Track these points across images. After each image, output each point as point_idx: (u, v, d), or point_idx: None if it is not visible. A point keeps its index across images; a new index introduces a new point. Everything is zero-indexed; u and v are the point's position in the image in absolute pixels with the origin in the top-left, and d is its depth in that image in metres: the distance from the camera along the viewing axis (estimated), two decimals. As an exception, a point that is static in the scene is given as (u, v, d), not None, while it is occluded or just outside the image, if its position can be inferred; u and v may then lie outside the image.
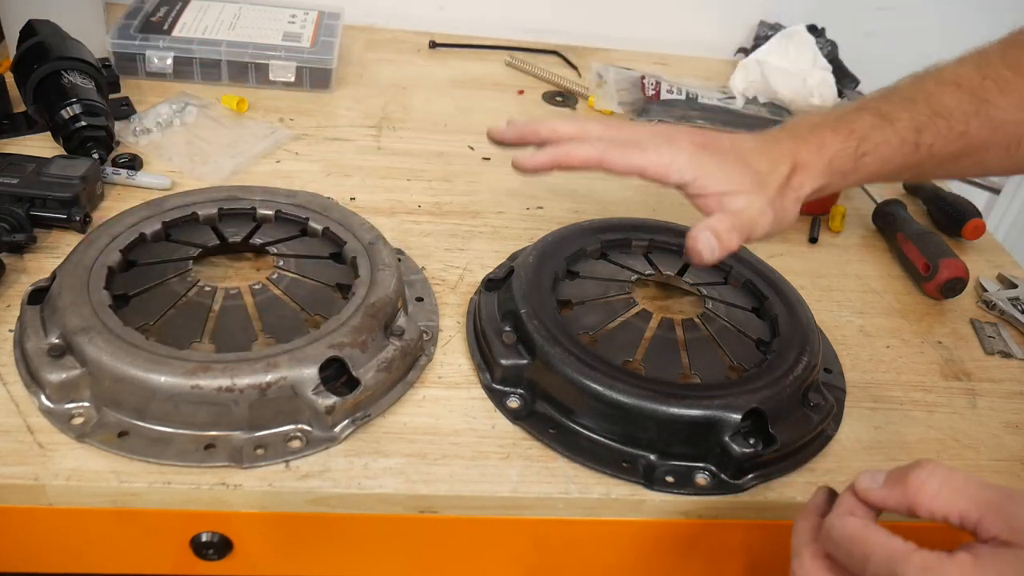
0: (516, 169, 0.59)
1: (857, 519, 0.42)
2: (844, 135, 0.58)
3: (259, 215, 0.68)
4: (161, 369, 0.51)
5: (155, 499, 0.50)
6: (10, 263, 0.64)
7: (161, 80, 0.92)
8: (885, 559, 0.39)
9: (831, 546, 0.42)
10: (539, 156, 0.58)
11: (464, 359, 0.62)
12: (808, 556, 0.43)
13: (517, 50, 1.12)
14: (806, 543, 0.44)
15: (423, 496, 0.52)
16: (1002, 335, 0.73)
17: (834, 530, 0.42)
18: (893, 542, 0.40)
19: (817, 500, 0.45)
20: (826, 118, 0.60)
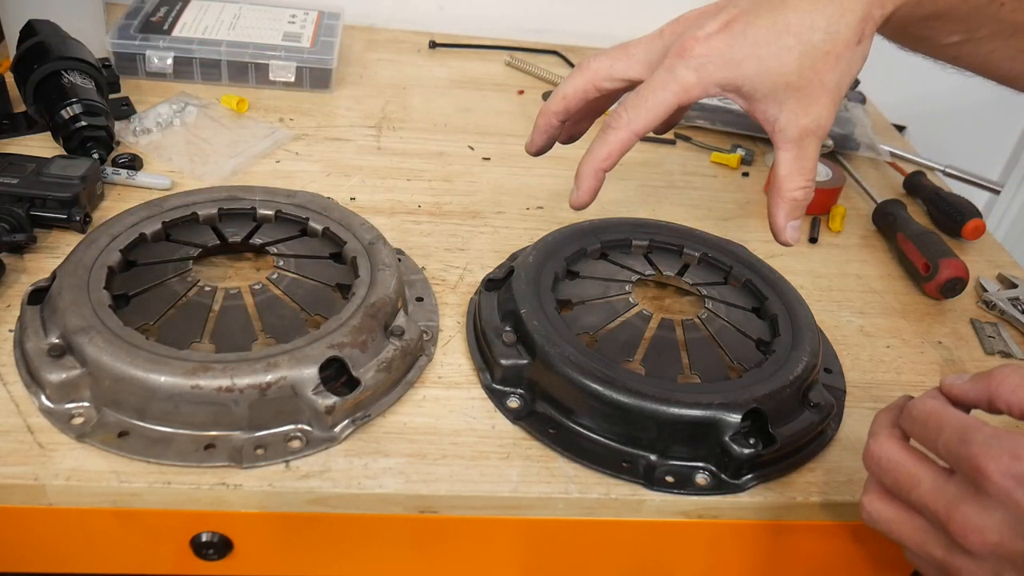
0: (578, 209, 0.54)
1: (937, 400, 0.43)
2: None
3: (259, 215, 0.68)
4: (161, 369, 0.51)
5: (155, 499, 0.50)
6: (10, 263, 0.64)
7: (161, 80, 0.92)
8: (957, 429, 0.40)
9: (908, 423, 0.43)
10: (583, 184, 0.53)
11: (464, 359, 0.62)
12: (884, 435, 0.44)
13: (517, 50, 1.12)
14: (883, 425, 0.45)
15: (423, 496, 0.52)
16: (1002, 335, 0.73)
17: (913, 408, 0.43)
18: (968, 417, 0.41)
19: (899, 400, 0.46)
20: None
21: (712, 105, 0.99)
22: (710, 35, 0.48)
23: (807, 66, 0.47)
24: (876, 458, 0.44)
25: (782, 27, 0.47)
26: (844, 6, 0.47)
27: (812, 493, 0.56)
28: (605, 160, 0.51)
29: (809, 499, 0.55)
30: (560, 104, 0.54)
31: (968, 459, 0.39)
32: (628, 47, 0.52)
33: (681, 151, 0.95)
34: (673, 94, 0.48)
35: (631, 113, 0.50)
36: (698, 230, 0.73)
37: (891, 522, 0.43)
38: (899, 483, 0.42)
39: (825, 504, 0.56)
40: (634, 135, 0.50)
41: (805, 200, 0.52)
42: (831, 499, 0.56)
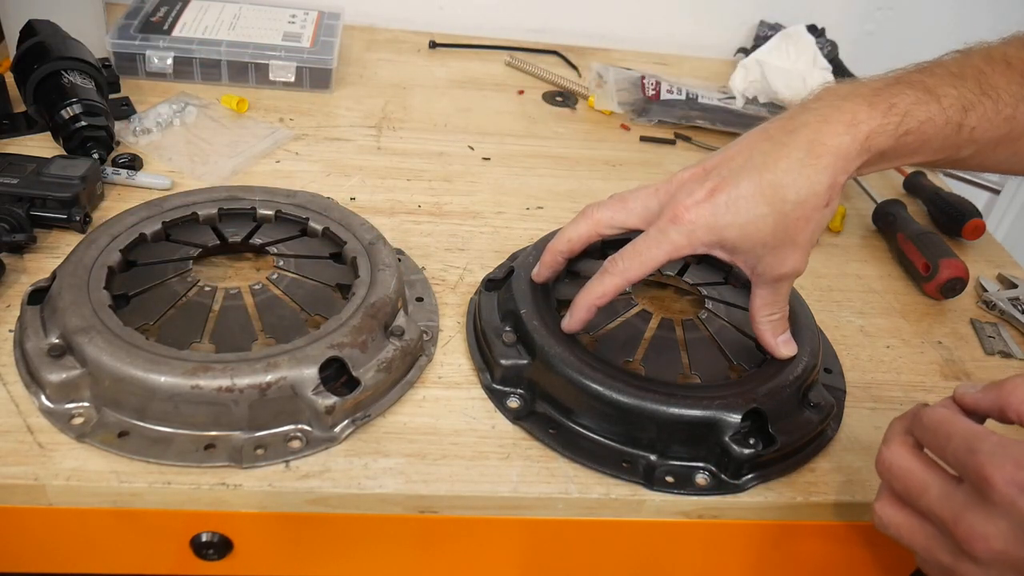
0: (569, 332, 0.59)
1: (948, 408, 0.45)
2: (883, 110, 0.52)
3: (259, 215, 0.68)
4: (161, 369, 0.51)
5: (155, 499, 0.50)
6: (10, 263, 0.64)
7: (161, 80, 0.92)
8: (965, 438, 0.41)
9: (919, 430, 0.45)
10: (577, 314, 0.58)
11: (464, 359, 0.62)
12: (897, 442, 0.46)
13: (517, 50, 1.12)
14: (896, 432, 0.46)
15: (423, 496, 0.52)
16: (1002, 335, 0.73)
17: (925, 416, 0.44)
18: (976, 426, 0.42)
19: (914, 408, 0.47)
20: (860, 89, 0.54)
21: (712, 105, 1.00)
22: (698, 203, 0.53)
23: (780, 230, 0.53)
24: (888, 464, 0.45)
25: (758, 197, 0.53)
26: (811, 178, 0.52)
27: (812, 493, 0.56)
28: (600, 299, 0.57)
29: (809, 499, 0.55)
30: (566, 246, 0.60)
31: (974, 468, 0.40)
32: (627, 200, 0.58)
33: (681, 151, 0.95)
34: (665, 252, 0.54)
35: (627, 263, 0.56)
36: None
37: (901, 527, 0.45)
38: (909, 490, 0.43)
39: (825, 504, 0.56)
40: (627, 282, 0.56)
41: (782, 320, 0.59)
42: (831, 499, 0.56)
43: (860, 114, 0.52)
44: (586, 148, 0.93)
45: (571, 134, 0.95)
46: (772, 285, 0.57)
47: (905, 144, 0.53)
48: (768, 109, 1.00)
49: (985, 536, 0.39)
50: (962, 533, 0.40)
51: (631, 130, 0.98)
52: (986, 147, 0.56)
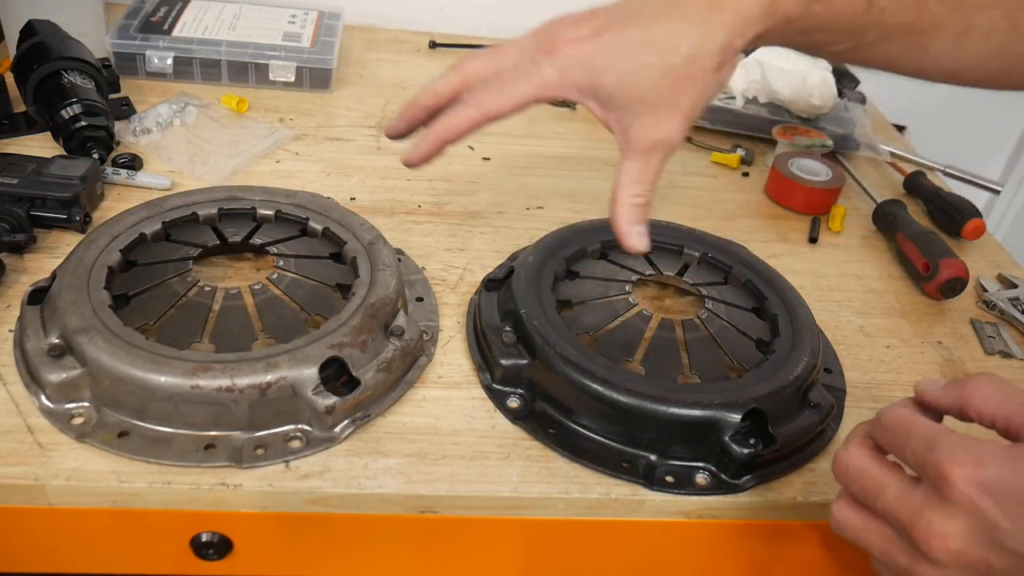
0: (408, 166, 0.55)
1: (907, 408, 0.44)
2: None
3: (259, 215, 0.68)
4: (161, 369, 0.51)
5: (155, 499, 0.50)
6: (10, 263, 0.64)
7: (161, 80, 0.92)
8: (925, 436, 0.40)
9: (878, 431, 0.44)
10: (422, 145, 0.54)
11: (464, 359, 0.62)
12: (855, 444, 0.44)
13: (517, 50, 1.11)
14: (856, 435, 0.45)
15: (423, 496, 0.52)
16: (1002, 335, 0.73)
17: (884, 416, 0.43)
18: (935, 425, 0.41)
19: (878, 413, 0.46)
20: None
21: (712, 105, 0.99)
22: (580, 39, 0.49)
23: (664, 86, 0.49)
24: (844, 466, 0.44)
25: (647, 44, 0.48)
26: (708, 33, 0.48)
27: (812, 493, 0.56)
28: (450, 132, 0.52)
29: (809, 499, 0.55)
30: (431, 99, 0.55)
31: (934, 466, 0.39)
32: (501, 48, 0.53)
33: (681, 151, 0.95)
34: (532, 88, 0.50)
35: (487, 95, 0.51)
36: (698, 230, 0.74)
37: (858, 529, 0.43)
38: (866, 490, 0.42)
39: (825, 504, 0.55)
40: (484, 116, 0.52)
41: (645, 206, 0.54)
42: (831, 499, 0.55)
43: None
44: (586, 148, 0.93)
45: (571, 134, 0.95)
46: (644, 156, 0.52)
47: (813, 14, 0.51)
48: (768, 109, 1.00)
49: (943, 535, 0.38)
50: (920, 533, 0.39)
51: (631, 130, 0.97)
52: (894, 33, 0.54)
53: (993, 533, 0.37)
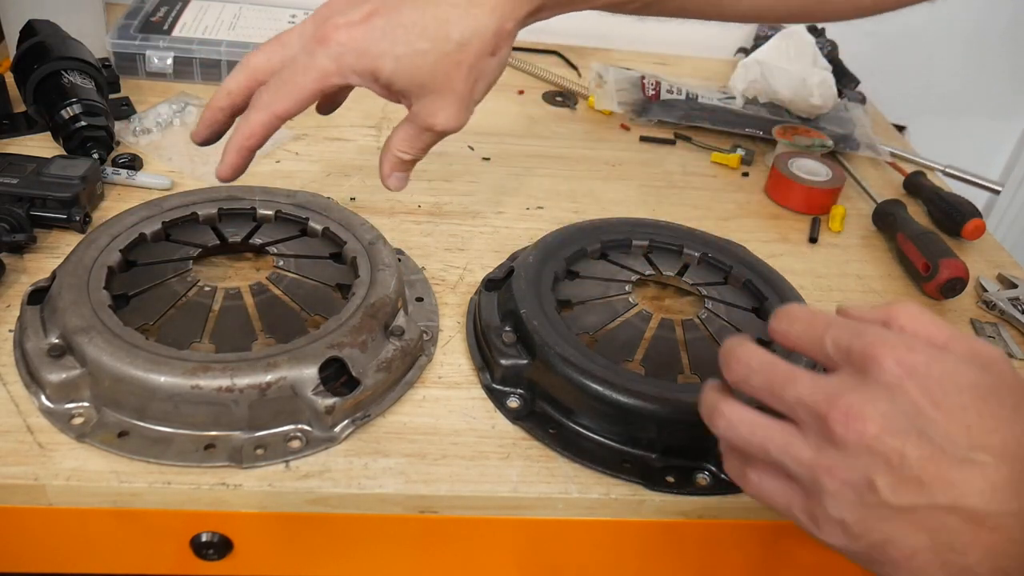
0: (222, 181, 0.56)
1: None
2: None
3: (259, 215, 0.68)
4: (161, 369, 0.51)
5: (155, 499, 0.50)
6: (10, 263, 0.64)
7: (161, 80, 0.92)
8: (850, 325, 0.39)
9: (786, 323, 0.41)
10: (227, 157, 0.54)
11: (464, 359, 0.62)
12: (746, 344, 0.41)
13: (517, 50, 1.12)
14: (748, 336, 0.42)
15: (423, 496, 0.52)
16: (1002, 335, 0.73)
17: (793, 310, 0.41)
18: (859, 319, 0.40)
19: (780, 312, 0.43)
20: None
21: (712, 105, 1.00)
22: (351, 24, 0.49)
23: (440, 72, 0.49)
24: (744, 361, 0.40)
25: (420, 29, 0.49)
26: (478, 18, 0.49)
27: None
28: (248, 139, 0.52)
29: (809, 499, 0.55)
30: (226, 100, 0.55)
31: (862, 348, 0.37)
32: (282, 37, 0.53)
33: (681, 151, 0.95)
34: (313, 80, 0.50)
35: (271, 96, 0.51)
36: (698, 230, 0.73)
37: (755, 425, 0.39)
38: (773, 382, 0.39)
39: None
40: (275, 117, 0.52)
41: (411, 161, 0.56)
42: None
43: None
44: (586, 148, 0.93)
45: (571, 134, 0.95)
46: (421, 129, 0.53)
47: None
48: (768, 109, 1.00)
49: (863, 416, 0.35)
50: (838, 414, 0.36)
51: (631, 130, 0.98)
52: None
53: (916, 419, 0.35)
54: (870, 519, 0.36)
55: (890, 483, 0.35)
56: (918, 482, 0.35)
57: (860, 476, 0.36)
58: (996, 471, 0.35)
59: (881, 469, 0.35)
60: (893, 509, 0.36)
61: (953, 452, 0.35)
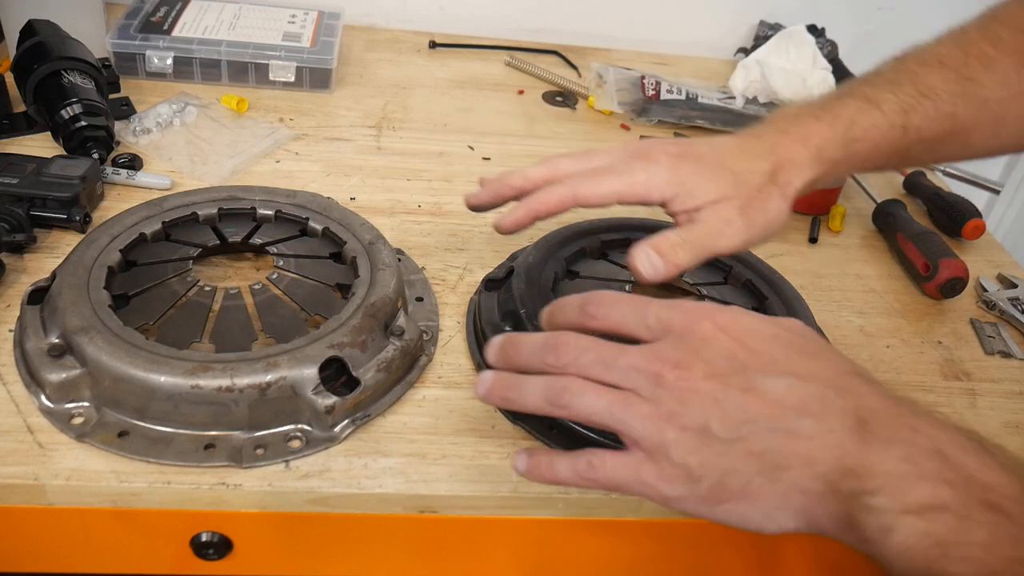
0: (499, 232, 0.58)
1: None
2: (830, 122, 0.56)
3: (259, 215, 0.68)
4: (161, 369, 0.51)
5: (155, 499, 0.50)
6: (10, 263, 0.64)
7: (161, 80, 0.92)
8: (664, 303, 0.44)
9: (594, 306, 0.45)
10: (516, 213, 0.57)
11: (464, 359, 0.62)
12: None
13: (517, 50, 1.12)
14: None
15: (423, 496, 0.52)
16: (1002, 335, 0.73)
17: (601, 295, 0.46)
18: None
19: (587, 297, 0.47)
20: (809, 107, 0.58)
21: (712, 105, 1.00)
22: (669, 154, 0.55)
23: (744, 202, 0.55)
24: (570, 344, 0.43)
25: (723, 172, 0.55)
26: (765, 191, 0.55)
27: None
28: (543, 205, 0.56)
29: (809, 499, 0.55)
30: (521, 182, 0.58)
31: (680, 318, 0.43)
32: (591, 153, 0.58)
33: (681, 151, 0.95)
34: (624, 184, 0.55)
35: (581, 181, 0.55)
36: (698, 230, 0.73)
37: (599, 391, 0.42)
38: (604, 356, 0.42)
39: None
40: (575, 199, 0.56)
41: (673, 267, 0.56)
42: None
43: (811, 127, 0.56)
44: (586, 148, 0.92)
45: (571, 134, 0.95)
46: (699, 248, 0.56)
47: (856, 152, 0.56)
48: (768, 109, 1.00)
49: (689, 365, 0.41)
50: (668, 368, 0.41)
51: (631, 130, 0.98)
52: (934, 144, 0.58)
53: (732, 361, 0.41)
54: (709, 457, 0.40)
55: (720, 419, 0.40)
56: (743, 411, 0.40)
57: (696, 419, 0.40)
58: (804, 388, 0.40)
59: (712, 409, 0.40)
60: (726, 443, 0.40)
61: (766, 380, 0.40)
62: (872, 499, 0.37)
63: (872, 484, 0.38)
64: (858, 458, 0.38)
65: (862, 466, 0.38)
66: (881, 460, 0.38)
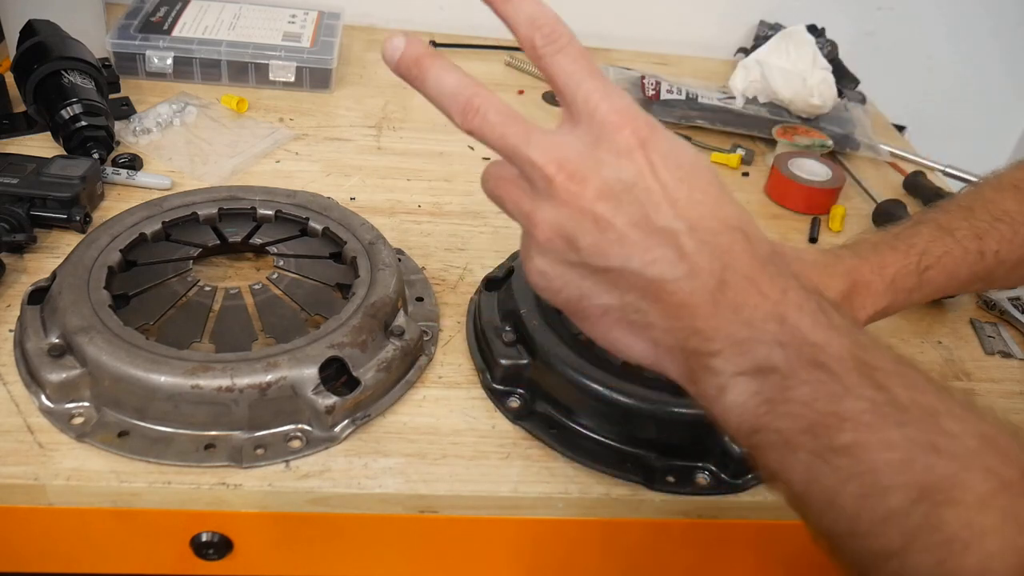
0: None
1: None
2: (904, 251, 0.57)
3: (259, 215, 0.68)
4: (161, 369, 0.51)
5: (155, 499, 0.50)
6: (10, 263, 0.64)
7: (161, 80, 0.92)
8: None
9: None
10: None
11: (464, 359, 0.62)
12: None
13: (517, 50, 1.12)
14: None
15: (423, 496, 0.52)
16: (1002, 335, 0.73)
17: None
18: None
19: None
20: (885, 236, 0.59)
21: (712, 105, 1.00)
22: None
23: None
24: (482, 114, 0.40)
25: None
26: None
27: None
28: None
29: (809, 499, 0.55)
30: None
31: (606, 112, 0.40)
32: None
33: (681, 151, 0.95)
34: None
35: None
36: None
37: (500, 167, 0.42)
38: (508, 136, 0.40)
39: (825, 504, 0.55)
40: None
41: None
42: (831, 499, 0.55)
43: (887, 257, 0.56)
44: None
45: (571, 134, 0.95)
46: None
47: (930, 279, 0.57)
48: (768, 109, 1.00)
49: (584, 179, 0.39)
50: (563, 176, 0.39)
51: (631, 130, 0.97)
52: (1018, 264, 0.59)
53: (634, 188, 0.39)
54: (569, 274, 0.40)
55: (592, 244, 0.39)
56: (619, 245, 0.39)
57: (567, 233, 0.39)
58: (686, 239, 0.39)
59: (588, 230, 0.39)
60: (589, 268, 0.40)
61: (657, 222, 0.39)
62: (712, 360, 0.39)
63: (713, 346, 0.39)
64: (707, 320, 0.39)
65: (709, 327, 0.39)
66: (727, 324, 0.39)
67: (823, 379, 0.37)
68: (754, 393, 0.38)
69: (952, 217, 0.58)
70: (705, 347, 0.39)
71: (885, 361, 0.38)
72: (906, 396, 0.37)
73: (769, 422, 0.38)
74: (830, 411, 0.37)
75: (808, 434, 0.37)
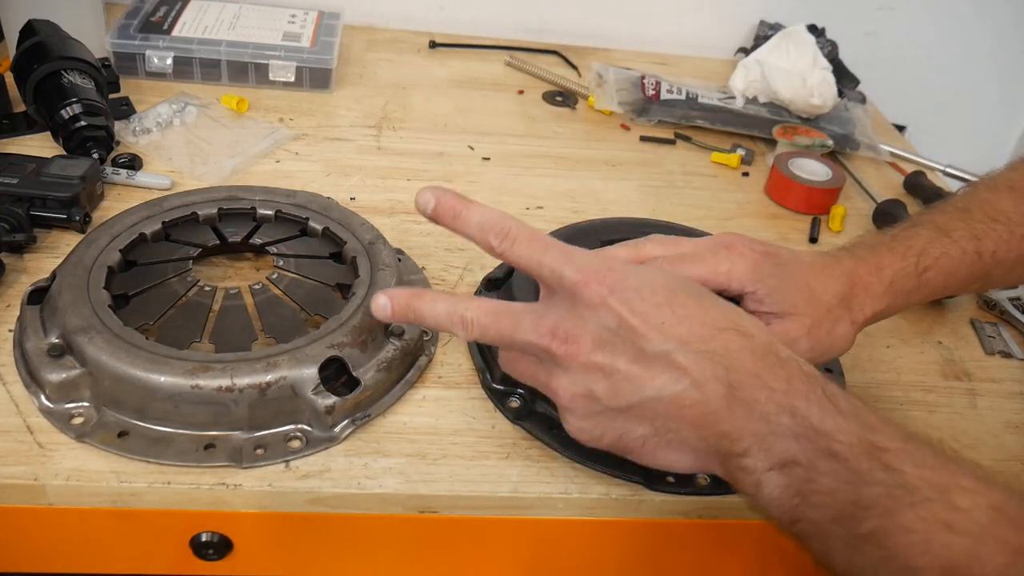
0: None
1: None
2: (902, 252, 0.57)
3: (259, 215, 0.68)
4: (161, 369, 0.51)
5: (155, 499, 0.50)
6: (10, 263, 0.64)
7: (161, 80, 0.92)
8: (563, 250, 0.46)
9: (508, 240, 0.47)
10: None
11: (464, 359, 0.62)
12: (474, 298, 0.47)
13: (517, 50, 1.12)
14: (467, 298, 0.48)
15: (423, 496, 0.52)
16: (1002, 335, 0.73)
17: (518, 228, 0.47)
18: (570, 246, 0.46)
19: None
20: (883, 238, 0.59)
21: (712, 105, 1.00)
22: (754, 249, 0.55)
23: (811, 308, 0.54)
24: (479, 325, 0.46)
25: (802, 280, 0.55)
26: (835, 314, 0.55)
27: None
28: None
29: (809, 499, 0.55)
30: None
31: (571, 278, 0.44)
32: (679, 239, 0.57)
33: (681, 151, 0.95)
34: (708, 271, 0.54)
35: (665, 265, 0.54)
36: (698, 230, 0.73)
37: (514, 361, 0.49)
38: (503, 332, 0.46)
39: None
40: None
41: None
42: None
43: (885, 259, 0.57)
44: (586, 148, 0.93)
45: (571, 134, 0.95)
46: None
47: (928, 280, 0.57)
48: (768, 109, 1.00)
49: (576, 339, 0.44)
50: (557, 342, 0.44)
51: (631, 130, 0.98)
52: (1016, 264, 0.59)
53: (619, 331, 0.43)
54: (602, 421, 0.45)
55: (605, 390, 0.44)
56: (628, 383, 0.44)
57: (583, 389, 0.44)
58: (684, 355, 0.43)
59: (597, 380, 0.44)
60: (616, 411, 0.45)
61: (651, 351, 0.43)
62: (743, 460, 0.42)
63: (741, 446, 0.42)
64: (729, 422, 0.43)
65: (734, 429, 0.42)
66: (746, 422, 0.42)
67: (838, 469, 0.40)
68: (785, 486, 0.41)
69: (949, 218, 0.59)
70: (734, 448, 0.43)
71: (894, 440, 0.41)
72: (916, 476, 0.39)
73: (803, 513, 0.41)
74: (850, 500, 0.40)
75: (837, 523, 0.40)
